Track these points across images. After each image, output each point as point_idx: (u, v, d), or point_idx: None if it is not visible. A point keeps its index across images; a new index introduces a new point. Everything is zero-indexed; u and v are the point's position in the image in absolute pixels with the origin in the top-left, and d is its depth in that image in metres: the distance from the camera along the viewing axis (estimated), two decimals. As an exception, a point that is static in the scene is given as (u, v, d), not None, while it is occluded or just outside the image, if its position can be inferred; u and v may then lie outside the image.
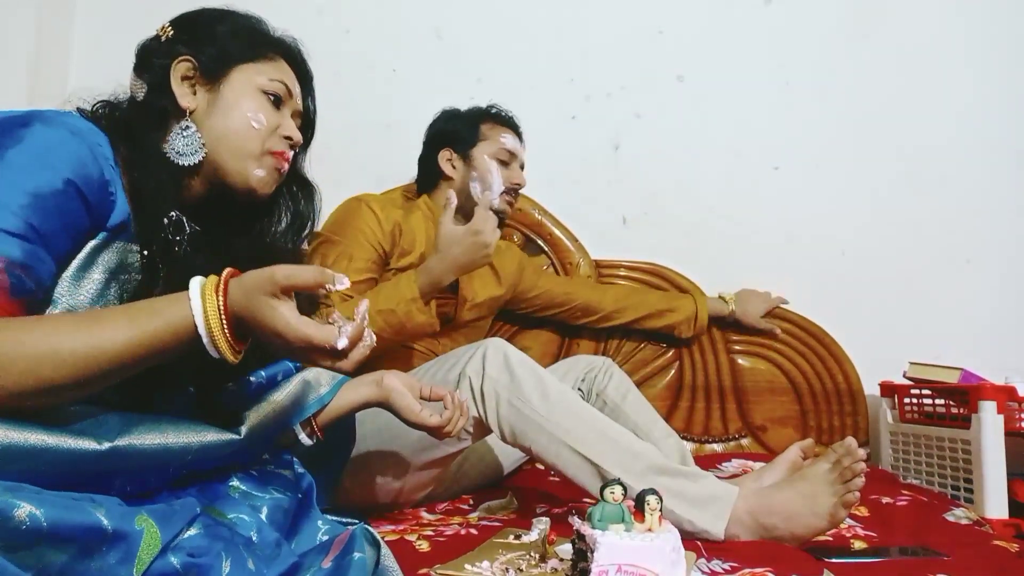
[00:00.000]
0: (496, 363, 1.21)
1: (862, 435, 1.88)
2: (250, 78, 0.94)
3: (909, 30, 2.06)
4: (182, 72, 0.92)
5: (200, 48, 0.92)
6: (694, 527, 1.10)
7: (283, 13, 2.20)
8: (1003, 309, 1.98)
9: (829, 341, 1.90)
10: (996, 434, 1.50)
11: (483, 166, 1.58)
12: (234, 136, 0.91)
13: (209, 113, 0.91)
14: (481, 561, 0.94)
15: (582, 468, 1.15)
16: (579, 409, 1.20)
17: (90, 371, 0.69)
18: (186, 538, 0.68)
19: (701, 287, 1.92)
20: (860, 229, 2.00)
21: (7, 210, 0.71)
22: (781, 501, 1.11)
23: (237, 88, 0.93)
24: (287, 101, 0.96)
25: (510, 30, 2.05)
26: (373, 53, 1.99)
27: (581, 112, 2.04)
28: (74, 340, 0.69)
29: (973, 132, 2.03)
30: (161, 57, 0.92)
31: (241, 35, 0.95)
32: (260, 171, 0.93)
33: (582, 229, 1.93)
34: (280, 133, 0.94)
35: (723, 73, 2.05)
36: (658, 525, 0.82)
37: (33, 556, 0.58)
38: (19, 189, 0.72)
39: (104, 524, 0.61)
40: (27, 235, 0.72)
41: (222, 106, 0.92)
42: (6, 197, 0.72)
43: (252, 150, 0.92)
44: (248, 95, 0.93)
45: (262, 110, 0.93)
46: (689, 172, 2.02)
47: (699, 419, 1.87)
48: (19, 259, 0.71)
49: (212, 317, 0.72)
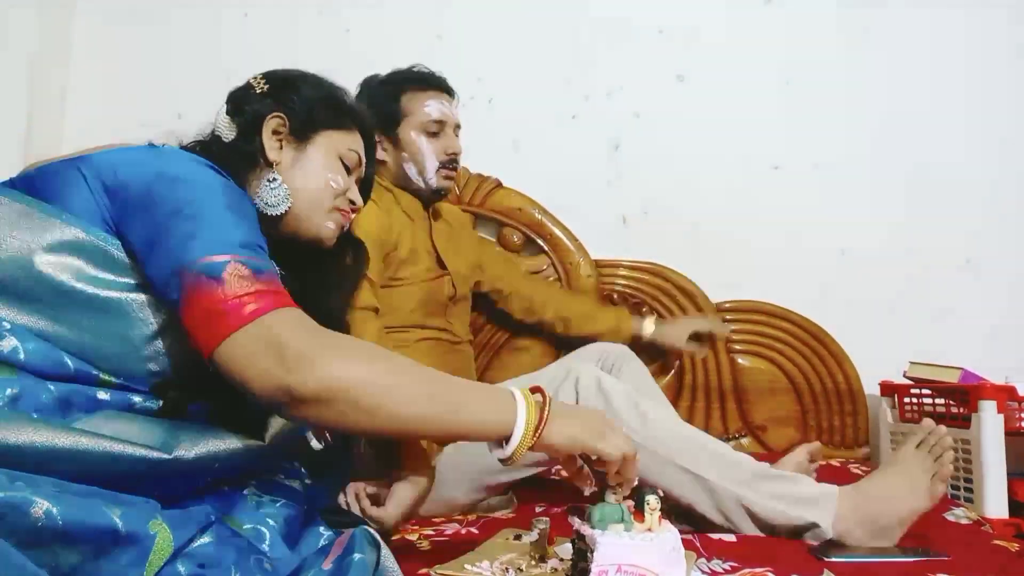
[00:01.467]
0: (590, 390, 1.24)
1: (862, 434, 1.88)
2: (332, 144, 1.03)
3: (909, 30, 2.06)
4: (273, 127, 1.00)
5: (291, 108, 1.01)
6: (804, 521, 1.13)
7: (283, 13, 2.21)
8: (1003, 309, 1.98)
9: (829, 341, 1.90)
10: (996, 434, 1.50)
11: (412, 147, 1.51)
12: (314, 193, 1.00)
13: (293, 169, 1.00)
14: (481, 561, 0.94)
15: (688, 483, 1.18)
16: (675, 426, 1.24)
17: (418, 418, 0.78)
18: (198, 546, 0.69)
19: (701, 287, 1.92)
20: (860, 229, 2.00)
21: (241, 228, 0.80)
22: (879, 488, 1.15)
23: (321, 151, 1.02)
24: (355, 169, 1.06)
25: (510, 30, 2.05)
26: (373, 53, 1.97)
27: (581, 112, 2.04)
28: (421, 383, 0.79)
29: (973, 132, 2.03)
30: (254, 107, 1.00)
31: (328, 103, 1.04)
32: (330, 224, 1.02)
33: (582, 229, 1.93)
34: (348, 196, 1.04)
35: (723, 73, 2.05)
36: (658, 525, 0.82)
37: (47, 554, 0.59)
38: (232, 209, 0.82)
39: (118, 525, 0.62)
40: (261, 243, 0.83)
41: (305, 165, 1.01)
42: (229, 218, 0.81)
43: (326, 207, 1.01)
44: (329, 159, 1.02)
45: (339, 174, 1.03)
46: (689, 172, 2.02)
47: (699, 419, 1.87)
48: (269, 267, 0.80)
49: (527, 435, 0.81)
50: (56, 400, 0.74)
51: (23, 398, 0.72)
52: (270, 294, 0.77)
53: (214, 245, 0.77)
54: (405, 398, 0.77)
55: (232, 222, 0.80)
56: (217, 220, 0.79)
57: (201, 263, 0.76)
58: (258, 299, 0.75)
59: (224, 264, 0.76)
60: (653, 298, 1.91)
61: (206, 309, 0.75)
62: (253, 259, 0.78)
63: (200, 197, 0.80)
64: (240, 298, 0.75)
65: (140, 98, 1.98)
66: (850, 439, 1.87)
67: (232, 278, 0.75)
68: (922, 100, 2.04)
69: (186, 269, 0.76)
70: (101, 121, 1.93)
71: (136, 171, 0.83)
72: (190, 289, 0.75)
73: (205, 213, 0.79)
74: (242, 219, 0.82)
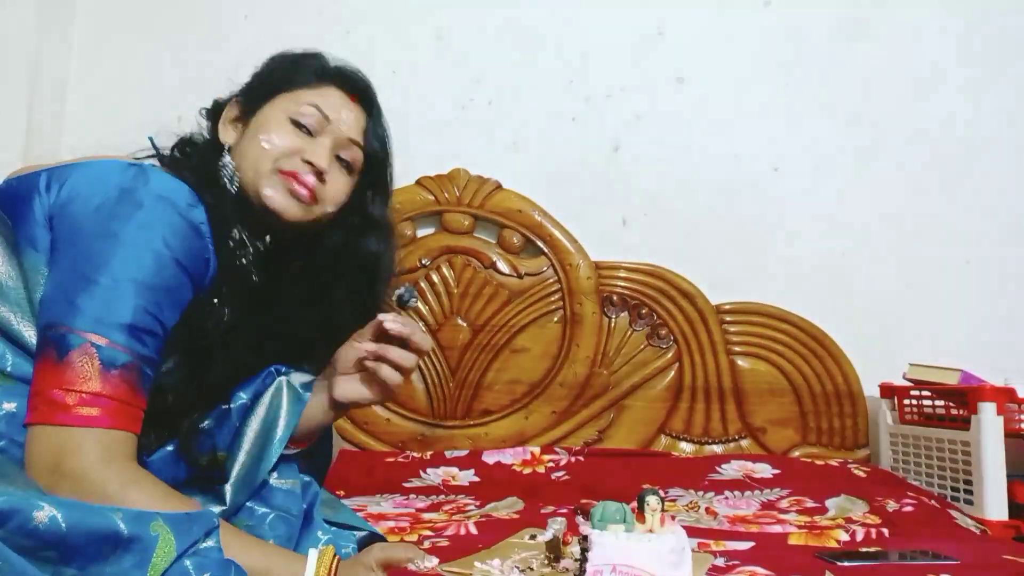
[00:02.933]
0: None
1: (862, 437, 1.87)
2: (281, 107, 0.95)
3: (909, 30, 2.06)
4: (231, 115, 0.97)
5: (247, 88, 0.98)
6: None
7: (284, 14, 2.22)
8: (1003, 310, 1.97)
9: (829, 342, 1.90)
10: (996, 436, 1.50)
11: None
12: (250, 159, 0.93)
13: (239, 144, 0.95)
14: (493, 559, 0.94)
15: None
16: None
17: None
18: (203, 548, 0.69)
19: (701, 288, 1.92)
20: (860, 230, 2.00)
21: (135, 307, 0.76)
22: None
23: (263, 118, 0.95)
24: (324, 127, 0.95)
25: (510, 31, 2.04)
26: (373, 54, 1.98)
27: (581, 113, 2.04)
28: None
29: (973, 132, 2.03)
30: (223, 104, 0.99)
31: (282, 67, 0.98)
32: (268, 190, 0.92)
33: (582, 230, 1.93)
34: (301, 156, 0.93)
35: (723, 74, 2.05)
36: (660, 526, 0.82)
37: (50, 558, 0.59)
38: (140, 283, 0.77)
39: (120, 528, 0.63)
40: (153, 328, 0.77)
41: (249, 135, 0.95)
42: (132, 289, 0.76)
43: (261, 169, 0.92)
44: (271, 120, 0.94)
45: (280, 135, 0.93)
46: (689, 173, 2.02)
47: (699, 420, 1.87)
48: (149, 354, 0.77)
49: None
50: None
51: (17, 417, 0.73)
52: (104, 402, 0.72)
53: (87, 320, 0.74)
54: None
55: (127, 298, 0.75)
56: (112, 292, 0.75)
57: (62, 332, 0.73)
58: (85, 403, 0.72)
59: (78, 344, 0.73)
60: (653, 300, 1.91)
61: (39, 383, 0.73)
62: (120, 349, 0.74)
63: (113, 259, 0.76)
64: (69, 392, 0.72)
65: (140, 99, 1.98)
66: (850, 441, 1.87)
67: (77, 363, 0.72)
68: (922, 100, 2.04)
69: (50, 330, 0.74)
70: (101, 121, 1.93)
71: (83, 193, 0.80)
72: (41, 354, 0.74)
73: (104, 280, 0.75)
74: (147, 297, 0.77)
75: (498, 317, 1.87)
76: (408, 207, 1.89)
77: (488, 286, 1.88)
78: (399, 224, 1.88)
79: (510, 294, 1.88)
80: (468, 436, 1.83)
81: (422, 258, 1.88)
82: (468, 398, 1.85)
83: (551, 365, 1.88)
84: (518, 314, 1.88)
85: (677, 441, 1.86)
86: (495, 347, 1.87)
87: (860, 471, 1.64)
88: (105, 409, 0.73)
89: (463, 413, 1.85)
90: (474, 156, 1.95)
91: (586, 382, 1.87)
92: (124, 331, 0.75)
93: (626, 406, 1.87)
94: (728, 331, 1.91)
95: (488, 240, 1.93)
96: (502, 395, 1.86)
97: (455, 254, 1.90)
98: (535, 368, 1.87)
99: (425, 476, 1.59)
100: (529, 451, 1.69)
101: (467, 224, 1.91)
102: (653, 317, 1.91)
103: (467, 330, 1.86)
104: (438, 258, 1.89)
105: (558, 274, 1.91)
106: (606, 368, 1.88)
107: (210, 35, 2.03)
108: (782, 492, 1.55)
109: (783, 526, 1.32)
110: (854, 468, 1.67)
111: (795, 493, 1.53)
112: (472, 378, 1.85)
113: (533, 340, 1.88)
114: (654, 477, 1.60)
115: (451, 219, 1.91)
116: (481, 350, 1.86)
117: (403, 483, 1.57)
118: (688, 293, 1.91)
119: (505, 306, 1.88)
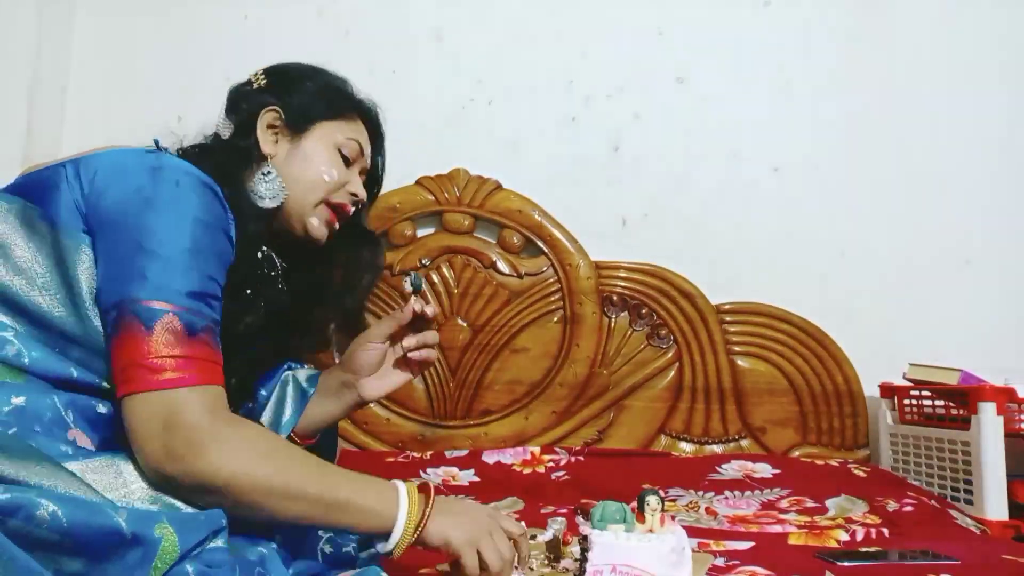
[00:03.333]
0: None
1: (862, 436, 1.87)
2: (329, 134, 1.02)
3: (909, 30, 2.06)
4: (268, 121, 0.99)
5: (287, 101, 1.00)
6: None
7: (284, 15, 2.22)
8: (1003, 310, 1.98)
9: (829, 342, 1.90)
10: (996, 435, 1.50)
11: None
12: (305, 185, 0.99)
13: (287, 162, 0.99)
14: None
15: None
16: None
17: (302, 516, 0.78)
18: (209, 549, 0.69)
19: (701, 288, 1.92)
20: (860, 230, 2.00)
21: (199, 274, 0.80)
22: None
23: (316, 142, 1.00)
24: (357, 160, 1.04)
25: (510, 32, 2.04)
26: (373, 55, 1.98)
27: (581, 113, 2.04)
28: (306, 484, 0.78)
29: (973, 132, 2.03)
30: (250, 103, 1.00)
31: (326, 93, 1.03)
32: (315, 220, 1.00)
33: (582, 230, 1.93)
34: (347, 189, 1.02)
35: (723, 74, 2.05)
36: (659, 526, 0.82)
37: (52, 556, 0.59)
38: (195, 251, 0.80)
39: (123, 528, 0.62)
40: (215, 292, 0.82)
41: (300, 157, 0.99)
42: (200, 256, 0.80)
43: (313, 200, 1.00)
44: (324, 150, 1.01)
45: (335, 166, 1.01)
46: (689, 173, 2.02)
47: (699, 420, 1.87)
48: (216, 317, 0.81)
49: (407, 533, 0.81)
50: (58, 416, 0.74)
51: (27, 412, 0.72)
52: (195, 363, 0.76)
53: (159, 290, 0.77)
54: (286, 500, 0.77)
55: (188, 266, 0.79)
56: (173, 262, 0.78)
57: (140, 305, 0.76)
58: (180, 368, 0.75)
59: (161, 314, 0.76)
60: (653, 300, 1.91)
61: (130, 355, 0.75)
62: (194, 314, 0.78)
63: (165, 231, 0.79)
64: (163, 359, 0.75)
65: (140, 100, 1.98)
66: (850, 441, 1.87)
67: (162, 332, 0.75)
68: (921, 100, 2.04)
69: (126, 305, 0.76)
70: (101, 122, 1.93)
71: (116, 180, 0.82)
72: (123, 328, 0.76)
73: (164, 251, 0.78)
74: (203, 262, 0.80)
75: (498, 317, 1.87)
76: (408, 207, 1.89)
77: (488, 286, 1.88)
78: (399, 224, 1.88)
79: (510, 294, 1.88)
80: (468, 436, 1.83)
81: (422, 258, 1.88)
82: (468, 398, 1.85)
83: (551, 365, 1.88)
84: (518, 314, 1.88)
85: (677, 441, 1.86)
86: (495, 347, 1.87)
87: (860, 471, 1.65)
88: (197, 369, 0.76)
89: (463, 413, 1.85)
90: (474, 156, 1.95)
91: (586, 382, 1.87)
92: (195, 298, 0.78)
93: (626, 406, 1.87)
94: (728, 331, 1.91)
95: (488, 240, 1.93)
96: (502, 395, 1.86)
97: (455, 254, 1.90)
98: (535, 368, 1.87)
99: (425, 476, 1.59)
100: (529, 451, 1.69)
101: (467, 224, 1.91)
102: (653, 317, 1.91)
103: (467, 330, 1.86)
104: (438, 258, 1.89)
105: (558, 274, 1.91)
106: (606, 368, 1.88)
107: (210, 35, 2.03)
108: (782, 492, 1.55)
109: (783, 526, 1.32)
110: (854, 468, 1.67)
111: (795, 493, 1.53)
112: (472, 378, 1.85)
113: (533, 340, 1.88)
114: (654, 477, 1.60)
115: (451, 219, 1.91)
116: (481, 350, 1.86)
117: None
118: (688, 293, 1.91)
119: (505, 306, 1.88)
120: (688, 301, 1.91)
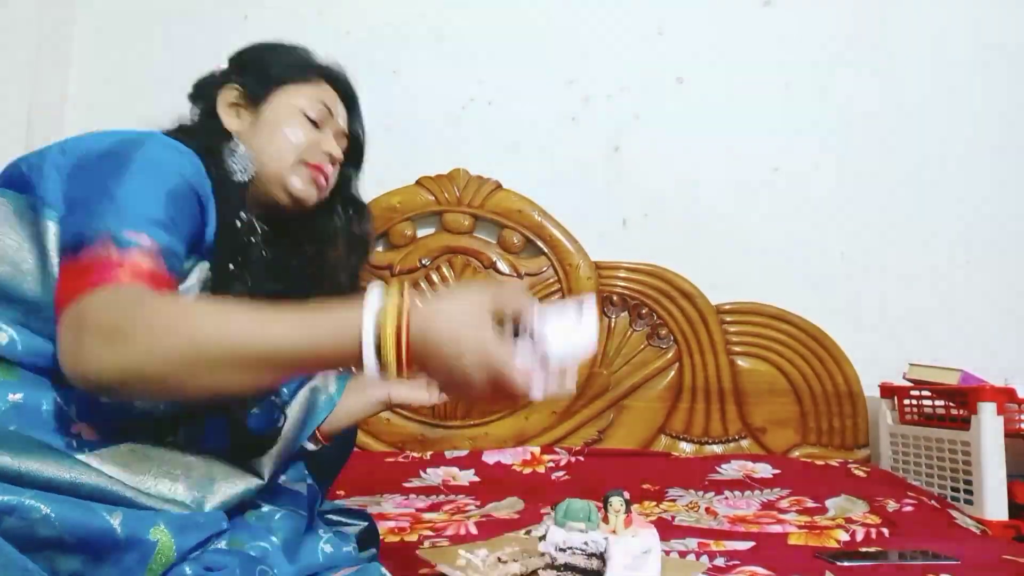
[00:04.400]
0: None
1: (862, 436, 1.87)
2: (290, 99, 1.00)
3: (909, 30, 2.06)
4: (228, 99, 0.99)
5: (246, 75, 0.99)
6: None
7: (284, 16, 2.21)
8: (1003, 310, 1.97)
9: (829, 343, 1.90)
10: (996, 436, 1.50)
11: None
12: (272, 152, 0.97)
13: (252, 133, 0.97)
14: (479, 550, 0.94)
15: None
16: None
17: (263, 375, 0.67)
18: (211, 550, 0.69)
19: (701, 288, 1.92)
20: (860, 230, 2.00)
21: (153, 202, 0.76)
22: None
23: (277, 109, 0.99)
24: (327, 121, 1.01)
25: (510, 31, 2.04)
26: (373, 54, 1.98)
27: (581, 113, 2.04)
28: (250, 338, 0.65)
29: (973, 132, 2.03)
30: (211, 87, 1.00)
31: (284, 60, 1.02)
32: (295, 179, 0.97)
33: (582, 231, 1.93)
34: (321, 148, 0.99)
35: (723, 74, 2.05)
36: (623, 528, 0.81)
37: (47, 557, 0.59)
38: (156, 187, 0.77)
39: (116, 531, 0.62)
40: (168, 226, 0.76)
41: (262, 125, 0.98)
42: (148, 193, 0.76)
43: (288, 163, 0.97)
44: (287, 114, 0.99)
45: (300, 127, 0.98)
46: (689, 173, 2.02)
47: (699, 421, 1.87)
48: (167, 246, 0.75)
49: (389, 323, 0.64)
50: (57, 410, 0.73)
51: (26, 408, 0.71)
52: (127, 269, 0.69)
53: (106, 220, 0.73)
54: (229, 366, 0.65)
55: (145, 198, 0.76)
56: (128, 199, 0.75)
57: (80, 235, 0.72)
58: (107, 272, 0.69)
59: (95, 238, 0.71)
60: (653, 300, 1.91)
61: (63, 279, 0.71)
62: (132, 235, 0.72)
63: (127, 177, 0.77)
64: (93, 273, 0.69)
65: (140, 100, 1.96)
66: (850, 441, 1.87)
67: (97, 253, 0.70)
68: (921, 100, 2.04)
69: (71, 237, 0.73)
70: (101, 122, 1.91)
71: (92, 144, 0.83)
72: (62, 258, 0.73)
73: (120, 192, 0.75)
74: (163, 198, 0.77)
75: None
76: (408, 207, 1.89)
77: (488, 286, 1.88)
78: (399, 224, 1.88)
79: (510, 294, 1.88)
80: (468, 436, 1.83)
81: (422, 258, 1.88)
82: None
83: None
84: (518, 314, 1.88)
85: (677, 441, 1.86)
86: (495, 347, 1.87)
87: (860, 471, 1.65)
88: (128, 271, 0.70)
89: (463, 413, 1.85)
90: (474, 156, 1.95)
91: (586, 382, 1.87)
92: (142, 220, 0.74)
93: (626, 406, 1.87)
94: (728, 331, 1.91)
95: (488, 240, 1.93)
96: (502, 395, 1.86)
97: (455, 254, 1.90)
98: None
99: (425, 476, 1.59)
100: (529, 451, 1.69)
101: (467, 224, 1.91)
102: (653, 317, 1.91)
103: (467, 330, 1.86)
104: (438, 258, 1.89)
105: (558, 274, 1.91)
106: (606, 368, 1.88)
107: (210, 35, 2.02)
108: (782, 492, 1.55)
109: (783, 526, 1.32)
110: (854, 468, 1.67)
111: (795, 493, 1.53)
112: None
113: (533, 340, 1.87)
114: (654, 477, 1.61)
115: (451, 219, 1.91)
116: (481, 350, 1.86)
117: (403, 483, 1.57)
118: (688, 293, 1.91)
119: (505, 306, 1.88)
120: (688, 301, 1.91)
